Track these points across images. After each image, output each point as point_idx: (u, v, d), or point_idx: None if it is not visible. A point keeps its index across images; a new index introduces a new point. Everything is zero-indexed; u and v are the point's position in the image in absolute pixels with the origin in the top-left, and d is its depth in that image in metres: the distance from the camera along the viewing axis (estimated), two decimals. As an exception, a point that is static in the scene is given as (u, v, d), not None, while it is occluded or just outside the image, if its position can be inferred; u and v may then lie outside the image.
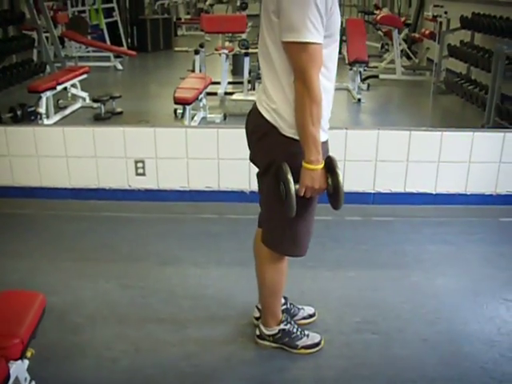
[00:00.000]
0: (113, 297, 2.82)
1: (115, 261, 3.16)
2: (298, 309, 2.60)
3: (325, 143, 2.00)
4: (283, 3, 1.80)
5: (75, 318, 2.64)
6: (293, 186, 1.89)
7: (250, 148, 2.19)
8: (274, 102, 1.96)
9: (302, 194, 1.93)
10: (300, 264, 2.10)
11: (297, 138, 1.92)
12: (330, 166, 1.92)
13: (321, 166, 1.90)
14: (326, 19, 1.81)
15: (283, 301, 2.50)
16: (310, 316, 2.60)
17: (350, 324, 2.59)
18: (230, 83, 6.07)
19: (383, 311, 2.69)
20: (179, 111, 5.33)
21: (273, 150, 2.01)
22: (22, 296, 1.93)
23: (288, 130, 1.95)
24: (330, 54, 1.93)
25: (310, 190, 1.93)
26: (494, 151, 3.74)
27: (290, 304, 2.58)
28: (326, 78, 1.94)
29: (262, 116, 2.01)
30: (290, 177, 1.89)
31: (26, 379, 1.82)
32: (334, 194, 1.93)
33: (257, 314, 2.53)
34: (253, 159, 2.19)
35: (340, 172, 1.88)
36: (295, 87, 1.86)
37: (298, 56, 1.82)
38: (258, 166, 2.17)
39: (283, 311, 2.46)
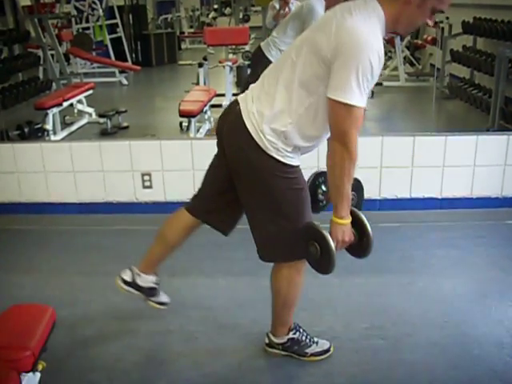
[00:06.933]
0: (122, 309, 2.83)
1: (124, 273, 3.17)
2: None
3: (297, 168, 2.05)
4: (340, 59, 1.79)
5: (85, 331, 2.66)
6: (333, 243, 1.94)
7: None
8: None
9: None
10: (308, 271, 2.11)
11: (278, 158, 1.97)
12: (357, 219, 2.00)
13: (349, 220, 1.99)
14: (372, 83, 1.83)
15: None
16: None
17: (358, 330, 2.60)
18: (234, 95, 6.07)
19: (391, 317, 2.69)
20: (184, 124, 5.35)
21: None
22: (33, 309, 1.95)
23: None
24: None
25: (340, 244, 2.00)
26: (498, 154, 3.75)
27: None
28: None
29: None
30: (326, 233, 1.96)
31: (38, 392, 1.83)
32: (365, 242, 2.01)
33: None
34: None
35: (368, 223, 1.97)
36: (332, 146, 1.89)
37: (342, 117, 1.83)
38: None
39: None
